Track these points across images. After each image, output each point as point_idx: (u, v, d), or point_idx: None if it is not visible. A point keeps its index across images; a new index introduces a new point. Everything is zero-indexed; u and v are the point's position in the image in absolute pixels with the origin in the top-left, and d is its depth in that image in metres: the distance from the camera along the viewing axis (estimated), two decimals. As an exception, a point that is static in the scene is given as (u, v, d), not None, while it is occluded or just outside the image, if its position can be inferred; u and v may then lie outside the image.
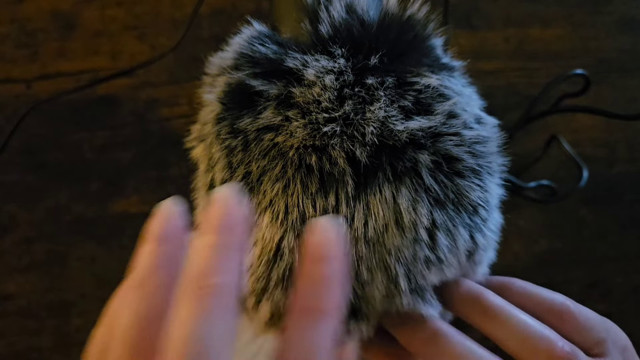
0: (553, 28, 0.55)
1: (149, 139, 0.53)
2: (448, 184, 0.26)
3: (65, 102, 0.53)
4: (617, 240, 0.53)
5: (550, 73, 0.54)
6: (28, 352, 0.51)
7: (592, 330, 0.27)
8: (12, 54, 0.54)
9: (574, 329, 0.27)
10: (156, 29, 0.54)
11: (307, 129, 0.25)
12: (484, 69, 0.54)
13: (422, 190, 0.25)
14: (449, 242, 0.26)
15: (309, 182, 0.25)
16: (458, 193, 0.26)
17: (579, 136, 0.54)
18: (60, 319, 0.51)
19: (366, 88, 0.26)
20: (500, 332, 0.27)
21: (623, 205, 0.54)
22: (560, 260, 0.53)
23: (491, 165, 0.28)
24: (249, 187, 0.26)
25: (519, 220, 0.53)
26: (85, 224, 0.53)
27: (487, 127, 0.28)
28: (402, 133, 0.25)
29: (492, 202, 0.28)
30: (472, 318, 0.28)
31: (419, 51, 0.28)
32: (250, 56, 0.28)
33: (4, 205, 0.53)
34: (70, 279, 0.52)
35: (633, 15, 0.55)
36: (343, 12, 0.27)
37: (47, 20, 0.54)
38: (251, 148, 0.26)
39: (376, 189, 0.25)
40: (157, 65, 0.51)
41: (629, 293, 0.53)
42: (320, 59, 0.26)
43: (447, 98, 0.27)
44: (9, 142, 0.51)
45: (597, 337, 0.27)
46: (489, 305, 0.27)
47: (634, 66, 0.55)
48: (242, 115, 0.27)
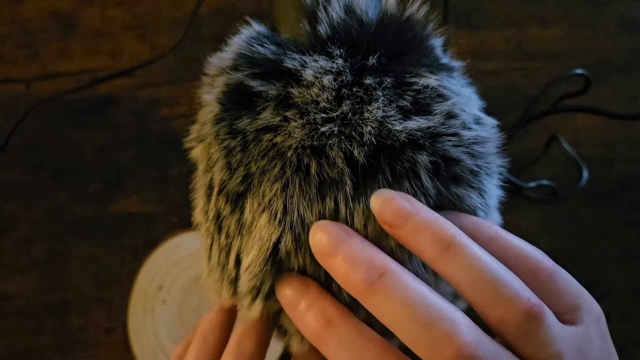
0: (553, 28, 0.55)
1: (149, 139, 0.53)
2: (446, 186, 0.26)
3: (65, 102, 0.53)
4: (617, 240, 0.53)
5: (550, 73, 0.54)
6: (28, 352, 0.51)
7: (568, 293, 0.24)
8: (12, 54, 0.54)
9: (548, 290, 0.23)
10: (156, 29, 0.54)
11: (305, 129, 0.25)
12: (484, 69, 0.54)
13: (420, 194, 0.25)
14: None
15: (308, 182, 0.25)
16: (456, 195, 0.26)
17: (579, 136, 0.54)
18: (60, 318, 0.52)
19: (364, 88, 0.26)
20: (456, 272, 0.22)
21: (623, 205, 0.54)
22: (560, 260, 0.53)
23: (490, 166, 0.28)
24: (248, 187, 0.26)
25: (519, 220, 0.53)
26: (85, 224, 0.53)
27: (486, 127, 0.28)
28: (401, 133, 0.25)
29: (491, 204, 0.28)
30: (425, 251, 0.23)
31: (418, 51, 0.28)
32: (249, 57, 0.28)
33: (4, 205, 0.53)
34: (70, 279, 0.52)
35: (633, 15, 0.55)
36: (342, 12, 0.27)
37: (47, 20, 0.54)
38: (250, 148, 0.26)
39: (376, 190, 0.25)
40: (157, 65, 0.51)
41: (629, 293, 0.53)
42: (318, 60, 0.26)
43: (445, 98, 0.26)
44: (9, 142, 0.51)
45: (572, 302, 0.24)
46: (448, 238, 0.23)
47: (634, 66, 0.55)
48: (241, 116, 0.27)
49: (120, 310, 0.51)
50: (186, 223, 0.51)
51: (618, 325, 0.29)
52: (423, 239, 0.23)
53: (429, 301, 0.21)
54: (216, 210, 0.28)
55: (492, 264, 0.22)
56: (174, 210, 0.52)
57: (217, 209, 0.28)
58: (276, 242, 0.25)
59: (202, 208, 0.29)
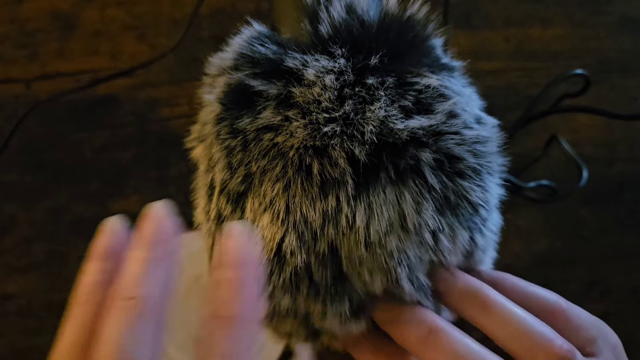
0: (553, 28, 0.55)
1: (149, 139, 0.53)
2: (450, 184, 0.26)
3: (65, 102, 0.53)
4: (617, 240, 0.54)
5: (550, 73, 0.54)
6: (28, 351, 0.51)
7: (584, 328, 0.27)
8: (12, 54, 0.54)
9: (566, 328, 0.26)
10: (156, 29, 0.54)
11: (307, 129, 0.25)
12: (484, 69, 0.55)
13: (425, 191, 0.25)
14: (450, 243, 0.26)
15: (310, 182, 0.25)
16: (460, 193, 0.26)
17: (579, 136, 0.54)
18: (60, 318, 0.51)
19: (366, 88, 0.26)
20: (497, 328, 0.26)
21: (623, 205, 0.54)
22: (560, 260, 0.53)
23: (491, 165, 0.28)
24: (249, 187, 0.26)
25: (519, 220, 0.53)
26: (85, 224, 0.53)
27: (487, 127, 0.28)
28: (403, 131, 0.25)
29: (492, 202, 0.28)
30: (469, 313, 0.27)
31: (419, 51, 0.28)
32: (250, 56, 0.28)
33: (4, 205, 0.53)
34: (70, 279, 0.52)
35: (633, 15, 0.55)
36: (343, 12, 0.27)
37: (46, 20, 0.54)
38: (250, 148, 0.26)
39: (379, 189, 0.25)
40: (157, 65, 0.51)
41: (629, 293, 0.53)
42: (320, 59, 0.26)
43: (447, 98, 0.27)
44: (9, 142, 0.51)
45: (589, 336, 0.27)
46: (486, 300, 0.26)
47: (634, 66, 0.55)
48: (242, 115, 0.27)
49: (121, 310, 0.51)
50: (186, 223, 0.51)
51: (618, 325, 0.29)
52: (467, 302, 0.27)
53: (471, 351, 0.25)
54: (217, 210, 0.28)
55: (524, 316, 0.26)
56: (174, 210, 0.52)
57: (218, 209, 0.27)
58: (280, 241, 0.25)
59: (204, 208, 0.29)
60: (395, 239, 0.25)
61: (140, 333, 0.20)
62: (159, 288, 0.21)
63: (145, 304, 0.20)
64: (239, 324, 0.21)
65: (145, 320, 0.20)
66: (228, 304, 0.21)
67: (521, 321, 0.25)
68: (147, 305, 0.20)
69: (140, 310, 0.20)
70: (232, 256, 0.22)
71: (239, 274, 0.21)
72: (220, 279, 0.21)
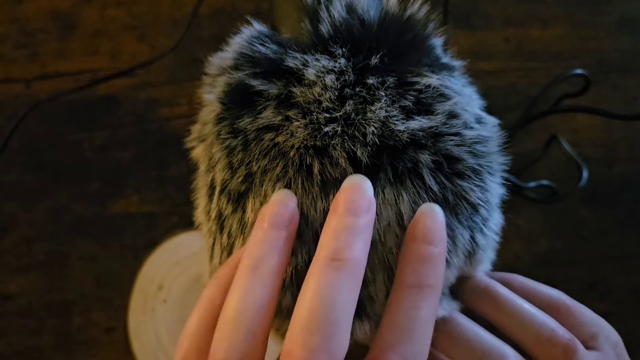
0: (553, 28, 0.55)
1: (149, 139, 0.53)
2: (449, 185, 0.26)
3: (65, 102, 0.53)
4: (617, 240, 0.54)
5: (550, 73, 0.54)
6: (29, 351, 0.51)
7: (586, 325, 0.29)
8: (12, 54, 0.54)
9: (569, 323, 0.28)
10: (156, 29, 0.54)
11: (308, 129, 0.25)
12: (484, 69, 0.54)
13: (423, 192, 0.25)
14: (450, 243, 0.26)
15: (311, 182, 0.25)
16: (459, 193, 0.26)
17: (579, 136, 0.54)
18: (60, 318, 0.51)
19: (367, 88, 0.26)
20: (508, 321, 0.28)
21: (623, 205, 0.54)
22: (560, 260, 0.53)
23: (492, 164, 0.28)
24: (250, 187, 0.26)
25: (519, 220, 0.53)
26: (85, 224, 0.53)
27: (488, 126, 0.28)
28: (403, 133, 0.25)
29: (493, 202, 0.28)
30: (482, 308, 0.29)
31: (419, 51, 0.28)
32: (250, 56, 0.28)
33: (4, 205, 0.53)
34: (71, 279, 0.52)
35: (633, 15, 0.55)
36: (343, 11, 0.27)
37: (46, 20, 0.54)
38: (251, 148, 0.26)
39: (378, 189, 0.25)
40: (157, 65, 0.51)
41: (629, 293, 0.53)
42: (320, 59, 0.26)
43: (447, 98, 0.27)
44: (9, 142, 0.50)
45: (591, 332, 0.29)
46: (498, 296, 0.29)
47: (634, 66, 0.55)
48: (242, 115, 0.27)
49: (121, 309, 0.51)
50: (187, 223, 0.51)
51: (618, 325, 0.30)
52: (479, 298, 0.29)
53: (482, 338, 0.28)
54: (218, 210, 0.28)
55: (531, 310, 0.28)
56: (174, 210, 0.52)
57: (219, 208, 0.28)
58: None
59: (204, 208, 0.29)
60: (393, 237, 0.25)
61: (344, 291, 0.21)
62: (364, 254, 0.23)
63: (352, 266, 0.22)
64: (436, 293, 0.24)
65: (349, 281, 0.22)
66: (431, 276, 0.24)
67: (528, 314, 0.28)
68: (352, 268, 0.22)
69: (346, 272, 0.22)
70: (438, 234, 0.24)
71: (441, 250, 0.24)
72: (425, 254, 0.24)
